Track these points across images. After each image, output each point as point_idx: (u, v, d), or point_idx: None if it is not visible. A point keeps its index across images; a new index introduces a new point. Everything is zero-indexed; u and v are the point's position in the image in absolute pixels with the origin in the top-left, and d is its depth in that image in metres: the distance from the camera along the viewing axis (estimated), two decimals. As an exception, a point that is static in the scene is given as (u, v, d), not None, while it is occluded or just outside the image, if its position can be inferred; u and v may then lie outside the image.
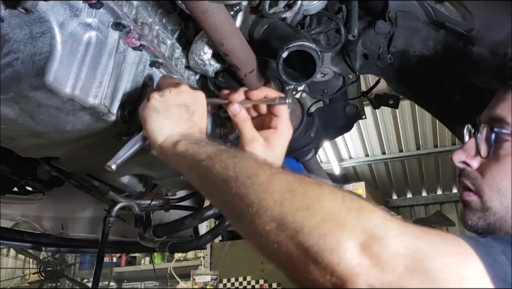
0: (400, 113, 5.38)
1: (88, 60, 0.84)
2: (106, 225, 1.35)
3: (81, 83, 0.82)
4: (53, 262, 5.13)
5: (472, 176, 0.94)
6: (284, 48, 0.95)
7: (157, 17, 1.02)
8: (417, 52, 1.27)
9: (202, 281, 4.85)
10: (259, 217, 0.63)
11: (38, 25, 0.76)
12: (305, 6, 1.17)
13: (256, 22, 1.12)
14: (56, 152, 1.07)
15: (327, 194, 0.62)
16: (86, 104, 0.84)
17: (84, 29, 0.82)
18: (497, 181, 0.90)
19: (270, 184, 0.66)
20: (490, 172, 0.91)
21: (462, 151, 0.96)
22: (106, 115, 0.89)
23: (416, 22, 1.26)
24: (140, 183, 1.34)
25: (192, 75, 1.14)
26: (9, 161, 1.55)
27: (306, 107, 1.69)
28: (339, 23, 1.24)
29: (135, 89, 0.97)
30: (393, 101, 1.68)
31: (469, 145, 0.96)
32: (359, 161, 6.50)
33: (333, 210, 0.59)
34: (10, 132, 0.92)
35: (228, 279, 5.01)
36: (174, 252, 1.17)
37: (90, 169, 1.18)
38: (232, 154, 0.76)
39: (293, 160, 1.63)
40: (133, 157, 0.88)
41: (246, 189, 0.67)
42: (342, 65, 1.41)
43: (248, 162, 0.73)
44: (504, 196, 0.89)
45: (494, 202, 0.90)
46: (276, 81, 1.26)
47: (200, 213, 1.17)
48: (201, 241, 1.15)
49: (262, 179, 0.67)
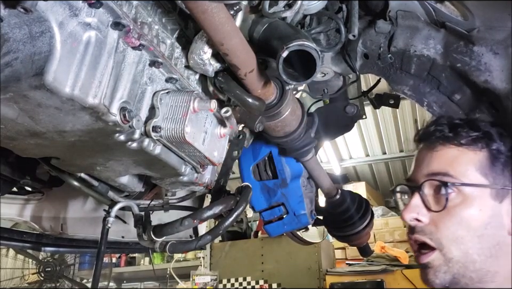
0: (401, 113, 5.38)
1: (88, 60, 0.83)
2: (105, 225, 1.34)
3: (80, 83, 0.81)
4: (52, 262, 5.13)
5: (427, 231, 1.00)
6: (284, 48, 0.95)
7: (157, 16, 1.02)
8: (418, 52, 1.27)
9: (202, 282, 4.85)
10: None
11: (37, 25, 0.76)
12: (305, 5, 1.17)
13: (256, 22, 1.12)
14: (56, 152, 1.07)
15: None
16: (86, 104, 0.83)
17: (83, 29, 0.82)
18: (453, 230, 0.96)
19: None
20: (444, 224, 0.97)
21: (411, 209, 1.01)
22: (105, 115, 0.88)
23: (417, 21, 1.26)
24: (139, 183, 1.34)
25: (192, 75, 1.13)
26: (8, 161, 1.55)
27: (307, 107, 1.70)
28: (339, 23, 1.24)
29: (135, 89, 0.96)
30: (394, 100, 1.68)
31: (414, 202, 1.01)
32: (359, 161, 6.51)
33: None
34: (10, 132, 0.92)
35: (227, 280, 5.01)
36: (174, 252, 1.17)
37: (90, 169, 1.18)
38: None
39: (293, 160, 1.63)
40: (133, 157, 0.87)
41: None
42: (342, 65, 1.41)
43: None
44: (462, 243, 0.95)
45: (454, 252, 0.96)
46: (276, 80, 1.26)
47: (200, 213, 1.17)
48: (201, 242, 1.14)
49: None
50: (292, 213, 1.66)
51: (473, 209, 0.97)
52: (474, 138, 1.02)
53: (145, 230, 1.16)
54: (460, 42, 1.20)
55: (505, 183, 0.99)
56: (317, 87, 1.57)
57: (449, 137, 1.03)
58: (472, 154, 1.01)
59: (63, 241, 2.19)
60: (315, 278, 4.67)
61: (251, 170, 1.67)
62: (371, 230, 1.89)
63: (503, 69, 1.15)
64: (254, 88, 1.13)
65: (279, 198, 1.65)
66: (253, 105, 1.13)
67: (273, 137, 1.44)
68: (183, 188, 1.34)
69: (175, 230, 1.12)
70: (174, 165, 1.13)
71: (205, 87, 1.18)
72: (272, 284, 4.79)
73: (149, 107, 1.01)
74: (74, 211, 2.10)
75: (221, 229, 1.12)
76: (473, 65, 1.19)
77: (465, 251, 0.95)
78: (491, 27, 1.15)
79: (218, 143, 1.16)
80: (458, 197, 0.98)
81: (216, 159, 1.16)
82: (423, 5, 1.22)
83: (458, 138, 1.02)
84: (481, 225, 0.96)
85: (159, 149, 1.05)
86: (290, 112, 1.32)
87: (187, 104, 1.01)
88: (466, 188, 0.97)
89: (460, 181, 0.97)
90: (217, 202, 1.16)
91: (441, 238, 0.97)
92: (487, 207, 0.97)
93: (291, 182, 1.64)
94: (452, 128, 1.04)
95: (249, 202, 1.35)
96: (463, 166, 1.00)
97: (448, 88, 1.29)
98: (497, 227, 0.97)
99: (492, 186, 0.98)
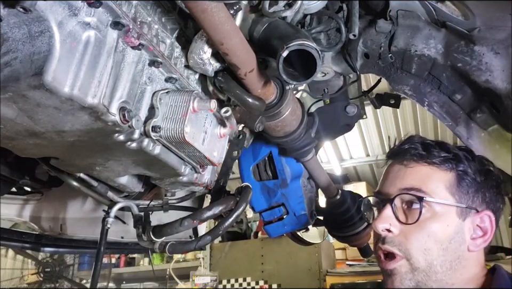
0: (401, 113, 5.38)
1: (87, 59, 0.83)
2: (105, 226, 1.34)
3: (80, 82, 0.81)
4: (51, 262, 5.13)
5: (396, 241, 1.07)
6: (284, 47, 0.95)
7: (156, 16, 1.01)
8: (419, 51, 1.26)
9: (202, 282, 4.85)
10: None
11: (36, 24, 0.75)
12: (305, 5, 1.17)
13: (256, 21, 1.11)
14: (55, 152, 1.06)
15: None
16: (85, 104, 0.83)
17: (82, 28, 0.82)
18: (423, 242, 1.04)
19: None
20: (414, 236, 1.05)
21: (383, 220, 1.08)
22: (105, 115, 0.88)
23: (418, 21, 1.25)
24: (138, 183, 1.33)
25: (191, 74, 1.13)
26: (7, 161, 1.54)
27: (307, 107, 1.69)
28: (340, 22, 1.24)
29: (134, 88, 0.96)
30: (394, 100, 1.67)
31: (386, 214, 1.09)
32: (360, 161, 6.50)
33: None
34: (9, 132, 0.92)
35: (227, 280, 5.01)
36: (173, 253, 1.16)
37: (89, 169, 1.18)
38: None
39: (293, 160, 1.62)
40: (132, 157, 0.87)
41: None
42: (342, 65, 1.41)
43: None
44: (429, 254, 1.04)
45: (421, 262, 1.04)
46: (276, 80, 1.25)
47: (199, 214, 1.17)
48: (201, 242, 1.14)
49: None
50: (292, 213, 1.66)
51: (441, 224, 1.05)
52: (445, 159, 1.10)
53: (145, 231, 1.16)
54: (460, 42, 1.20)
55: (468, 203, 1.08)
56: (317, 87, 1.57)
57: (422, 155, 1.11)
58: (443, 173, 1.10)
59: (63, 242, 2.19)
60: (315, 279, 4.67)
61: (251, 170, 1.66)
62: (372, 231, 1.89)
63: (504, 69, 1.15)
64: (254, 88, 1.12)
65: (279, 198, 1.65)
66: (253, 105, 1.13)
67: (273, 137, 1.43)
68: (182, 188, 1.34)
69: (175, 231, 1.12)
70: (173, 165, 1.13)
71: (205, 86, 1.17)
72: (272, 285, 4.79)
73: (149, 107, 1.01)
74: (74, 211, 2.09)
75: (220, 230, 1.12)
76: (474, 65, 1.18)
77: (430, 262, 1.04)
78: (492, 27, 1.15)
79: (218, 143, 1.16)
80: (428, 212, 1.06)
81: (216, 159, 1.15)
82: (424, 4, 1.22)
83: (431, 157, 1.10)
84: (446, 239, 1.05)
85: (158, 149, 1.04)
86: (290, 112, 1.31)
87: (187, 104, 1.01)
88: (436, 205, 1.06)
89: (431, 197, 1.06)
90: (217, 202, 1.16)
91: (410, 249, 1.05)
92: (452, 223, 1.06)
93: (291, 182, 1.64)
94: (425, 147, 1.12)
95: (249, 202, 1.35)
96: (435, 183, 1.08)
97: (449, 88, 1.29)
98: (459, 242, 1.06)
99: (459, 204, 1.07)
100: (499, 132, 1.29)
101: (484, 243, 1.07)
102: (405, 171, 1.12)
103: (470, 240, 1.07)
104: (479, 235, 1.07)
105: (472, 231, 1.07)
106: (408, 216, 1.07)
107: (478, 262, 1.09)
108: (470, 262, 1.07)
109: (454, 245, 1.05)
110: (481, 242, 1.07)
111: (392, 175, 1.15)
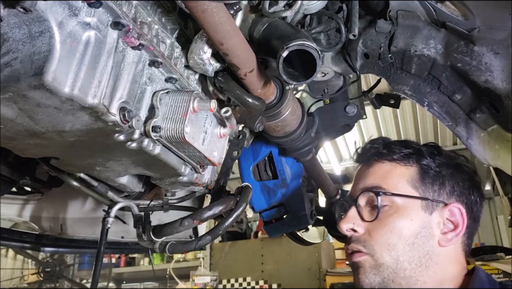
0: (401, 113, 5.38)
1: (87, 59, 0.83)
2: (105, 226, 1.34)
3: (80, 82, 0.81)
4: (51, 262, 5.14)
5: (362, 240, 1.07)
6: (284, 48, 0.95)
7: (156, 16, 1.01)
8: (418, 51, 1.26)
9: (202, 282, 4.85)
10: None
11: (36, 25, 0.75)
12: (305, 5, 1.17)
13: (256, 21, 1.11)
14: (55, 152, 1.06)
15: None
16: (85, 104, 0.83)
17: (82, 28, 0.82)
18: (385, 238, 1.04)
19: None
20: (377, 232, 1.05)
21: (348, 220, 1.10)
22: (105, 115, 0.88)
23: (417, 21, 1.25)
24: (139, 183, 1.33)
25: (191, 74, 1.13)
26: (7, 161, 1.54)
27: (307, 107, 1.69)
28: (339, 22, 1.24)
29: (134, 88, 0.96)
30: (394, 100, 1.67)
31: (351, 214, 1.10)
32: (359, 161, 6.48)
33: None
34: (9, 132, 0.92)
35: (227, 280, 5.01)
36: (173, 253, 1.16)
37: (89, 169, 1.18)
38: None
39: (293, 160, 1.62)
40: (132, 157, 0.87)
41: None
42: (342, 65, 1.41)
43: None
44: (394, 250, 1.03)
45: (385, 258, 1.03)
46: (276, 80, 1.25)
47: (199, 214, 1.17)
48: (201, 242, 1.14)
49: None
50: (292, 213, 1.66)
51: (404, 219, 1.04)
52: (406, 154, 1.11)
53: (145, 230, 1.16)
54: (460, 42, 1.20)
55: (434, 196, 1.07)
56: (317, 87, 1.57)
57: (383, 154, 1.13)
58: (404, 168, 1.10)
59: (63, 242, 2.19)
60: (315, 279, 4.67)
61: (251, 170, 1.66)
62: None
63: (503, 69, 1.14)
64: (254, 88, 1.12)
65: (279, 198, 1.65)
66: (253, 105, 1.13)
67: (273, 137, 1.44)
68: (182, 188, 1.34)
69: (175, 230, 1.12)
70: (173, 165, 1.13)
71: (205, 87, 1.17)
72: (272, 284, 4.79)
73: (149, 107, 1.01)
74: (74, 211, 2.09)
75: (220, 229, 1.12)
76: (474, 65, 1.18)
77: (396, 258, 1.02)
78: (492, 27, 1.15)
79: (218, 143, 1.16)
80: (391, 209, 1.06)
81: (216, 159, 1.16)
82: (424, 4, 1.22)
83: (391, 154, 1.11)
84: (412, 234, 1.03)
85: (158, 149, 1.04)
86: (290, 112, 1.31)
87: (187, 104, 1.01)
88: (398, 200, 1.06)
89: (390, 192, 1.06)
90: (217, 202, 1.16)
91: (374, 245, 1.05)
92: (417, 217, 1.04)
93: (291, 182, 1.64)
94: (386, 146, 1.14)
95: (249, 202, 1.35)
96: (395, 179, 1.09)
97: (449, 88, 1.29)
98: (427, 237, 1.04)
99: (421, 197, 1.06)
100: (499, 132, 1.29)
101: (456, 237, 1.04)
102: (367, 172, 1.14)
103: (440, 235, 1.04)
104: (450, 229, 1.05)
105: (442, 225, 1.05)
106: (372, 214, 1.07)
107: (455, 260, 1.06)
108: (443, 258, 1.04)
109: (421, 239, 1.03)
110: (453, 236, 1.04)
111: (357, 177, 1.17)
